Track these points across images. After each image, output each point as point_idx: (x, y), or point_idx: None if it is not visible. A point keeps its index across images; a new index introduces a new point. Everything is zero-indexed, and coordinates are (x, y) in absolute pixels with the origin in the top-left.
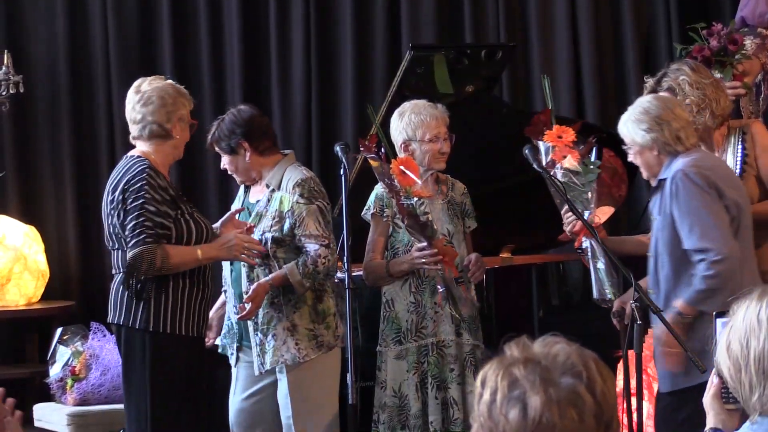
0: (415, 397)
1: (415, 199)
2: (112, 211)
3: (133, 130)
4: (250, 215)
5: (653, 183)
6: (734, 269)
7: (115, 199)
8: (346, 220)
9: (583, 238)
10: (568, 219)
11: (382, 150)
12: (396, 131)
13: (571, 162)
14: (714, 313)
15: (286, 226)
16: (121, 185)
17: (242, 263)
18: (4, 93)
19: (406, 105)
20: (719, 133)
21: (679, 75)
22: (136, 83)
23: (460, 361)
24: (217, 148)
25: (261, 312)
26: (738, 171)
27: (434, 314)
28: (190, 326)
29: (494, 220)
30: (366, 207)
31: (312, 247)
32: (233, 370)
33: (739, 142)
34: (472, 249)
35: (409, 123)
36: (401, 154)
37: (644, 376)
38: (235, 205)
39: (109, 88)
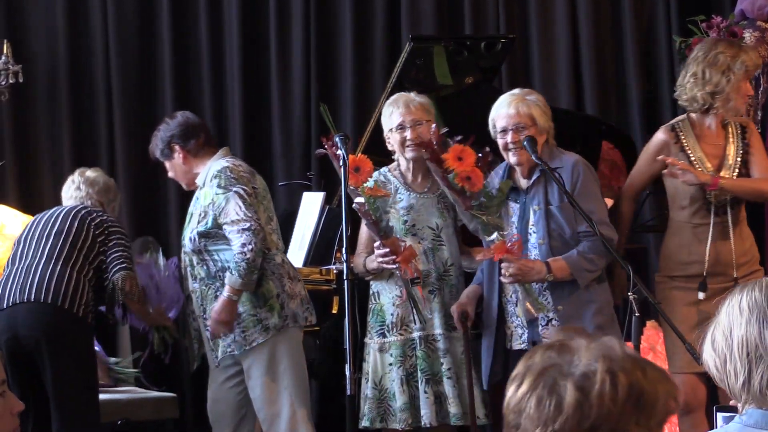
0: (401, 391)
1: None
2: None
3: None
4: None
5: (523, 173)
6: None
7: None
8: (346, 210)
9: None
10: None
11: (341, 150)
12: (383, 128)
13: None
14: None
15: (210, 219)
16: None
17: (185, 265)
18: (3, 83)
19: (391, 98)
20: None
21: None
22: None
23: (452, 354)
24: (158, 156)
25: (208, 308)
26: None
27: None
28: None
29: None
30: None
31: (235, 239)
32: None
33: None
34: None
35: (384, 114)
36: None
37: None
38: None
39: (108, 77)
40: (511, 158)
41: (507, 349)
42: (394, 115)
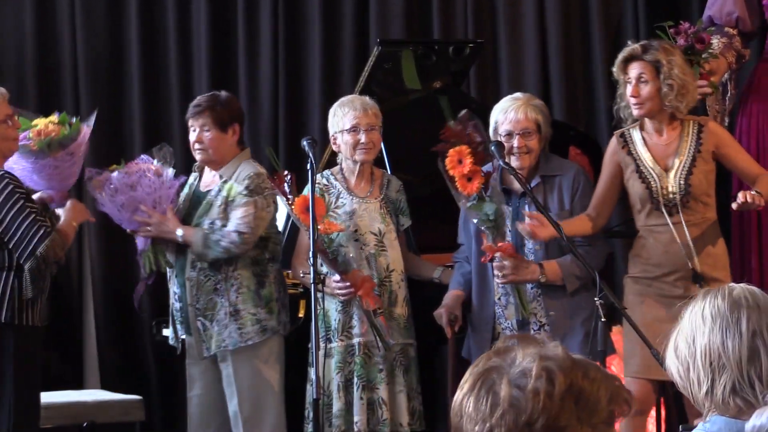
0: (338, 397)
1: (337, 233)
2: None
3: None
4: (200, 203)
5: (523, 181)
6: None
7: None
8: (313, 214)
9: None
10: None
11: (288, 188)
12: (329, 128)
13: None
14: None
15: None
16: None
17: (188, 255)
18: None
19: (338, 101)
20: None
21: None
22: None
23: (389, 361)
24: (208, 115)
25: (203, 298)
26: None
27: (361, 314)
28: (39, 317)
29: (456, 216)
30: None
31: (230, 226)
32: (186, 367)
33: None
34: (406, 246)
35: (334, 116)
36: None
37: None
38: (185, 192)
39: (75, 81)
40: (514, 162)
41: None
42: (348, 116)
